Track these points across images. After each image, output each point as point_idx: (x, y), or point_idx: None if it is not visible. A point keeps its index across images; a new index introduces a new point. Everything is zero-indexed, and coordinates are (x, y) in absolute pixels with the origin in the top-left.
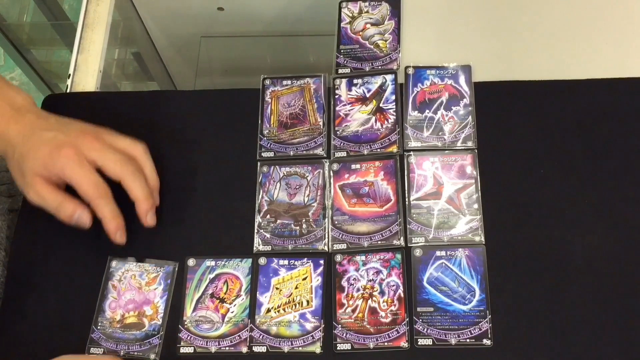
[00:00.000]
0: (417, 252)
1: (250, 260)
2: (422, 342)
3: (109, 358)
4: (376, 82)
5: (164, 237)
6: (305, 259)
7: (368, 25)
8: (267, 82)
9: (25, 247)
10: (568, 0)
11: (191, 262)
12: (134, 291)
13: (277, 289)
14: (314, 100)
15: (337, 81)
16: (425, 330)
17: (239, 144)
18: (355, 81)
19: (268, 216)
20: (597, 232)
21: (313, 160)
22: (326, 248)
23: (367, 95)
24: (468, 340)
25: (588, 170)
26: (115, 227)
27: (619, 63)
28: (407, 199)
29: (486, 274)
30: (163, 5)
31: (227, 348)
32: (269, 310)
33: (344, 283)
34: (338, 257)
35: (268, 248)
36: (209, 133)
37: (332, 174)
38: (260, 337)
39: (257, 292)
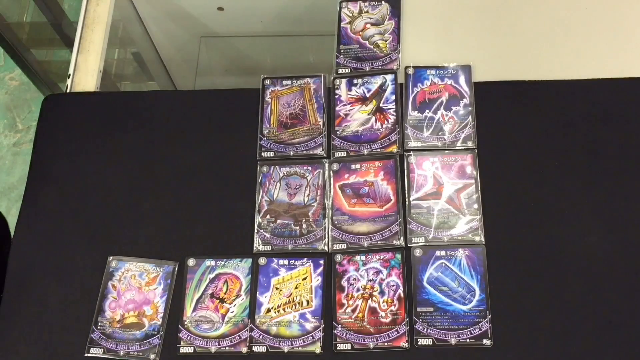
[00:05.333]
0: (417, 252)
1: (250, 260)
2: (422, 342)
3: None
4: (376, 82)
5: (164, 237)
6: (305, 259)
7: (368, 25)
8: (267, 82)
9: (25, 247)
10: (568, 1)
11: (191, 262)
12: (134, 291)
13: (277, 289)
14: (314, 100)
15: (337, 81)
16: (425, 330)
17: (239, 144)
18: (355, 81)
19: (268, 216)
20: (597, 232)
21: (313, 160)
22: (326, 248)
23: (367, 95)
24: (468, 340)
25: (588, 170)
26: None
27: (619, 63)
28: (407, 199)
29: (486, 274)
30: (163, 5)
31: (227, 348)
32: (269, 310)
33: (344, 283)
34: (338, 257)
35: (268, 248)
36: (209, 133)
37: (332, 174)
38: (260, 337)
39: (257, 292)
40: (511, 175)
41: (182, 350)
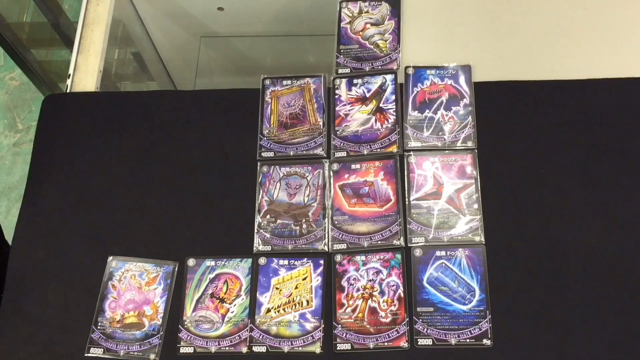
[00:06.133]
0: (417, 252)
1: (250, 260)
2: (422, 342)
3: None
4: (376, 82)
5: (164, 237)
6: (305, 259)
7: (368, 25)
8: (267, 82)
9: (25, 247)
10: (568, 1)
11: (191, 262)
12: (134, 291)
13: (277, 289)
14: (314, 100)
15: (337, 81)
16: (425, 330)
17: (239, 144)
18: (355, 81)
19: (268, 216)
20: (597, 232)
21: (313, 160)
22: (326, 248)
23: (367, 95)
24: (468, 340)
25: (588, 170)
26: None
27: (619, 63)
28: (407, 199)
29: (486, 274)
30: (163, 5)
31: (227, 348)
32: (269, 310)
33: (344, 283)
34: (338, 257)
35: (268, 248)
36: (209, 133)
37: (332, 174)
38: (260, 337)
39: (257, 292)
40: (511, 175)
41: (182, 350)
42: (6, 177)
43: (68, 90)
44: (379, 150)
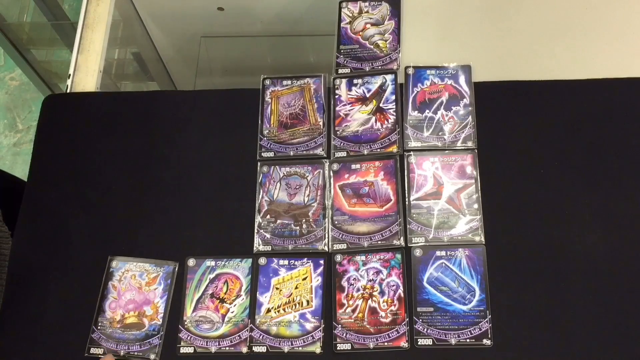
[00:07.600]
0: (417, 252)
1: (250, 260)
2: (422, 342)
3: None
4: (376, 82)
5: (164, 237)
6: (305, 259)
7: (368, 25)
8: (267, 82)
9: (25, 247)
10: (568, 1)
11: (191, 262)
12: (134, 291)
13: (277, 289)
14: (314, 100)
15: (337, 81)
16: (425, 330)
17: (239, 144)
18: (355, 81)
19: (268, 216)
20: (597, 232)
21: (313, 160)
22: (326, 248)
23: (367, 95)
24: (468, 340)
25: (588, 170)
26: None
27: (619, 63)
28: (407, 199)
29: (486, 274)
30: (163, 5)
31: (227, 348)
32: (269, 310)
33: (344, 283)
34: (338, 257)
35: (268, 248)
36: (209, 133)
37: (332, 174)
38: (260, 337)
39: (257, 292)
40: (511, 175)
41: (182, 350)
42: None
43: (68, 90)
44: (379, 150)
